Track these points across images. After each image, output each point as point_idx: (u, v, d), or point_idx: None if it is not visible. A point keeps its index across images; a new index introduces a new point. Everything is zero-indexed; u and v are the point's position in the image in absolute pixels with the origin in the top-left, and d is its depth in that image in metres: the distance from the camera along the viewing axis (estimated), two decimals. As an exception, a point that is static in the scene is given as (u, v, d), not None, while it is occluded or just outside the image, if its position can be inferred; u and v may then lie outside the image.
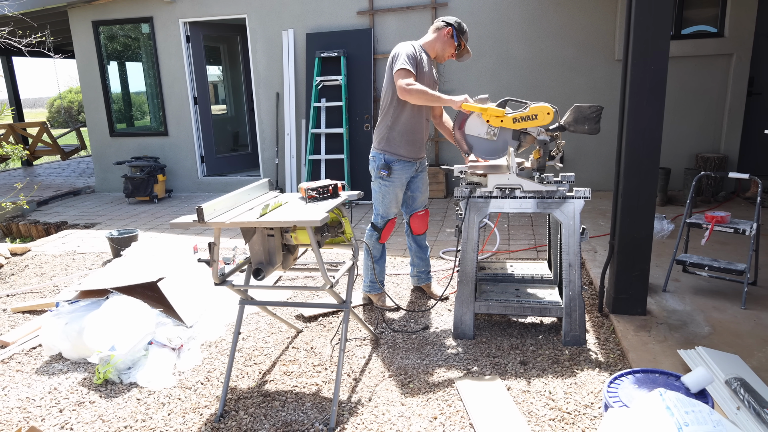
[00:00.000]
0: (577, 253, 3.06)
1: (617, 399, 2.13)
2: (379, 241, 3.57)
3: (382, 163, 3.42)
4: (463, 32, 3.39)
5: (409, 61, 3.21)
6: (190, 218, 2.38)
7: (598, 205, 6.16)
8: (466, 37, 3.41)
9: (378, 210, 3.55)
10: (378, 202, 3.53)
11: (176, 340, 3.16)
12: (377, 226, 3.57)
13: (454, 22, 3.36)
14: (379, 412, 2.59)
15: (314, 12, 7.16)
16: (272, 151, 7.71)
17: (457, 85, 6.88)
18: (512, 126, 3.11)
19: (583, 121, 3.09)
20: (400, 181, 3.48)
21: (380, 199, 3.51)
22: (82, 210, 7.39)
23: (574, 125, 3.12)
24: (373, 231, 3.59)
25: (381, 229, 3.55)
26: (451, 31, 3.34)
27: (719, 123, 6.52)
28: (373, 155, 3.49)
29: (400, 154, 3.43)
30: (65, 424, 2.62)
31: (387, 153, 3.42)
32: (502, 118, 3.11)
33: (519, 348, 3.13)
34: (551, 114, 3.04)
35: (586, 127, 3.10)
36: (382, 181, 3.46)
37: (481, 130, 3.27)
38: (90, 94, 8.33)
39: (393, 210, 3.54)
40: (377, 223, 3.57)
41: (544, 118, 3.05)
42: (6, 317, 3.90)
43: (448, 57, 3.44)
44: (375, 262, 3.66)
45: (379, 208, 3.54)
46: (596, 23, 6.49)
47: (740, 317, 3.27)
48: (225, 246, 5.03)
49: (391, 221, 3.55)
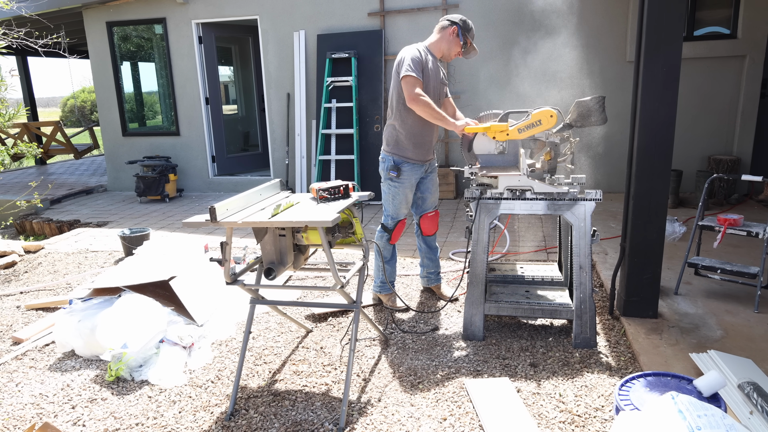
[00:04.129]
0: (588, 255, 3.05)
1: (628, 402, 2.13)
2: (390, 241, 3.58)
3: (392, 164, 3.45)
4: (468, 30, 3.35)
5: (414, 67, 3.22)
6: (202, 217, 2.41)
7: (609, 207, 6.12)
8: (472, 35, 3.38)
9: (388, 211, 3.56)
10: (388, 203, 3.55)
11: (187, 339, 3.19)
12: (387, 227, 3.58)
13: (458, 21, 3.33)
14: (388, 412, 2.60)
15: (325, 13, 7.18)
16: (283, 151, 7.74)
17: (467, 87, 6.88)
18: (519, 137, 3.14)
19: (588, 114, 3.08)
20: (410, 183, 3.49)
21: (390, 200, 3.53)
22: (95, 208, 7.47)
23: (581, 120, 3.11)
24: (383, 232, 3.59)
25: (391, 230, 3.56)
26: (456, 30, 3.33)
27: (732, 125, 6.46)
28: (383, 157, 3.52)
29: (408, 157, 3.44)
30: (77, 420, 2.65)
31: (396, 155, 3.45)
32: (507, 132, 3.14)
33: (529, 350, 3.12)
34: (554, 116, 3.04)
35: (592, 119, 3.10)
36: (392, 183, 3.48)
37: (489, 147, 3.34)
38: (103, 93, 8.42)
39: (403, 211, 3.55)
40: (387, 224, 3.58)
41: (548, 121, 3.05)
42: (20, 314, 3.95)
43: (455, 56, 3.43)
44: (386, 262, 3.66)
45: (389, 209, 3.55)
46: (608, 24, 6.46)
47: (753, 321, 3.25)
48: (236, 245, 5.06)
49: (402, 222, 3.56)
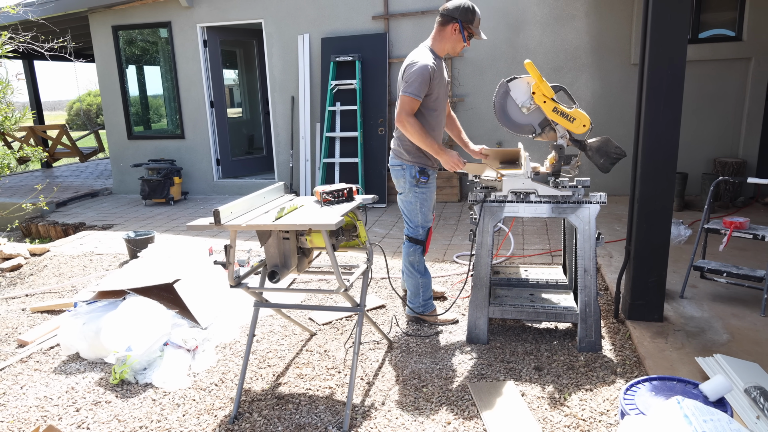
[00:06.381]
0: (593, 258, 3.04)
1: (634, 406, 2.11)
2: (424, 253, 3.44)
3: (418, 170, 3.31)
4: (470, 21, 3.14)
5: (420, 88, 3.09)
6: (206, 221, 2.41)
7: (613, 209, 6.10)
8: (477, 23, 3.16)
9: (417, 221, 3.39)
10: (415, 213, 3.38)
11: (191, 342, 3.19)
12: (419, 238, 3.41)
13: (457, 15, 3.12)
14: (392, 416, 2.59)
15: (330, 17, 7.20)
16: (287, 154, 7.76)
17: (471, 89, 6.88)
18: (548, 113, 3.04)
19: (603, 154, 3.11)
20: (434, 187, 3.42)
21: (418, 209, 3.37)
22: (100, 211, 7.49)
23: (594, 152, 3.12)
24: (414, 245, 3.42)
25: (424, 240, 3.41)
26: (457, 27, 3.14)
27: (738, 127, 6.43)
28: (404, 166, 3.34)
29: (430, 164, 3.36)
30: (82, 423, 2.65)
31: (419, 163, 3.32)
32: (545, 99, 3.02)
33: (533, 353, 3.11)
34: (586, 127, 3.01)
35: (601, 160, 3.13)
36: (419, 189, 3.33)
37: (520, 97, 3.13)
38: (109, 97, 8.46)
39: (430, 217, 3.43)
40: (418, 235, 3.41)
41: (579, 127, 3.02)
42: (25, 317, 3.96)
43: (460, 50, 3.29)
44: (422, 277, 3.47)
45: (418, 218, 3.39)
46: (612, 27, 6.45)
47: (759, 324, 3.22)
48: (240, 248, 5.06)
49: (431, 230, 3.45)
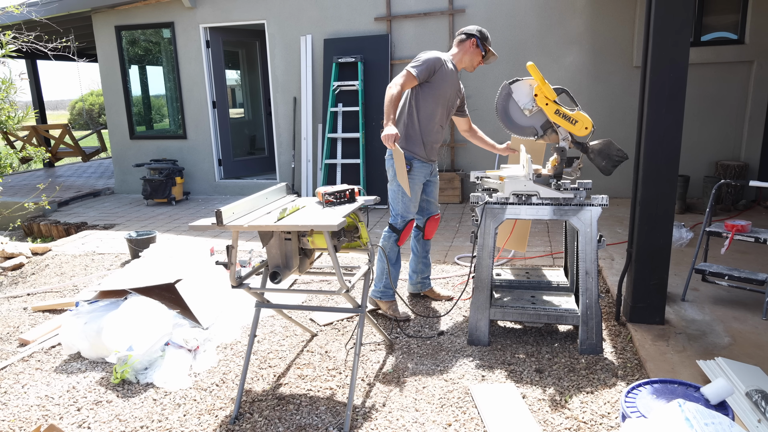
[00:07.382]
0: (594, 260, 3.04)
1: (635, 409, 2.11)
2: (398, 242, 3.52)
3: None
4: (485, 39, 3.47)
5: (421, 68, 3.29)
6: (208, 221, 2.41)
7: (615, 212, 6.10)
8: (490, 42, 3.49)
9: (397, 210, 3.50)
10: (397, 202, 3.49)
11: (192, 342, 3.19)
12: (396, 227, 3.51)
13: (476, 32, 3.44)
14: (393, 417, 2.59)
15: (332, 18, 7.21)
16: (289, 155, 7.77)
17: (473, 91, 6.88)
18: (550, 115, 3.05)
19: (605, 157, 3.10)
20: (420, 180, 3.48)
21: (399, 198, 3.46)
22: (102, 211, 7.50)
23: (596, 154, 3.12)
24: (391, 233, 3.53)
25: (400, 231, 3.49)
26: (476, 42, 3.43)
27: (739, 130, 6.43)
28: (391, 154, 3.47)
29: (418, 154, 3.45)
30: (83, 422, 2.65)
31: (406, 151, 3.43)
32: (548, 101, 3.05)
33: (534, 355, 3.11)
34: (588, 129, 3.02)
35: (603, 163, 3.13)
36: None
37: (522, 99, 3.18)
38: (111, 97, 8.47)
39: (412, 210, 3.49)
40: (396, 224, 3.51)
41: (581, 129, 3.02)
42: (26, 316, 3.97)
43: (477, 65, 3.52)
44: (390, 265, 3.59)
45: (398, 207, 3.49)
46: (614, 30, 6.45)
47: (761, 328, 3.22)
48: (241, 249, 5.07)
49: (411, 223, 3.50)
